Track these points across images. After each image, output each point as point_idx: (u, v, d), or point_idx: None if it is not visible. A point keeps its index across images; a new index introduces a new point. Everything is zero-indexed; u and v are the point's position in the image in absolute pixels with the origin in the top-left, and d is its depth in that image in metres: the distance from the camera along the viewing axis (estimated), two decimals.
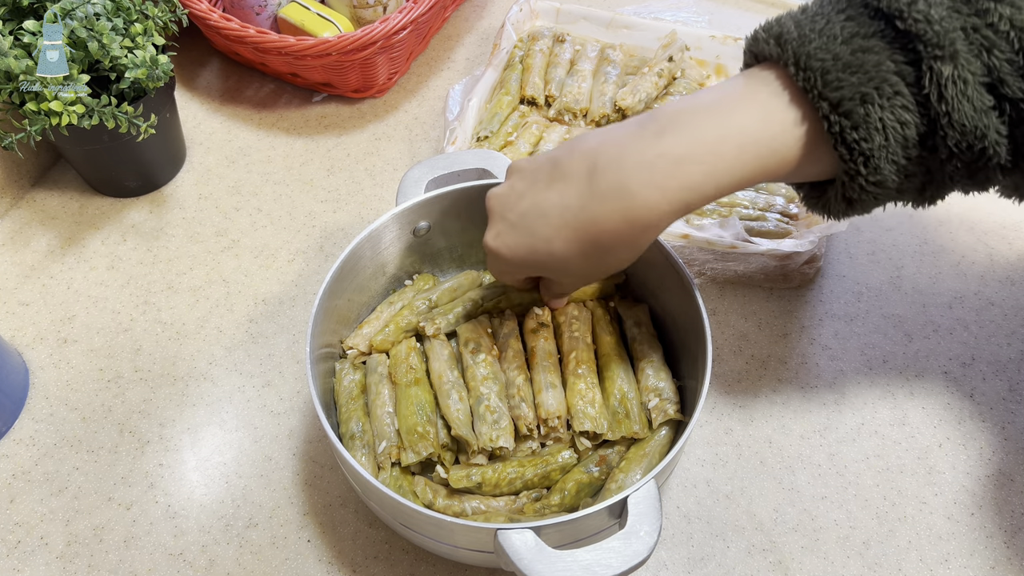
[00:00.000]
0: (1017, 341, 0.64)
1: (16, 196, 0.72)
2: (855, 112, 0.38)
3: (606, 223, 0.42)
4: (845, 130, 0.39)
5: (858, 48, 0.39)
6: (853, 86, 0.38)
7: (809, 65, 0.39)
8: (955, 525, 0.54)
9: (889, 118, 0.38)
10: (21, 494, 0.55)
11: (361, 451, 0.51)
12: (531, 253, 0.46)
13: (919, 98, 0.38)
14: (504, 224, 0.47)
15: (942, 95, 0.37)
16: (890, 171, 0.39)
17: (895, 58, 0.39)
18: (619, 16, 0.84)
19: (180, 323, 0.64)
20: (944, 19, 0.38)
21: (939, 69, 0.37)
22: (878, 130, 0.38)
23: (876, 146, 0.38)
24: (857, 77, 0.38)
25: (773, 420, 0.59)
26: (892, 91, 0.38)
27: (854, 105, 0.38)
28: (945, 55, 0.37)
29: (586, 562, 0.39)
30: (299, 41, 0.71)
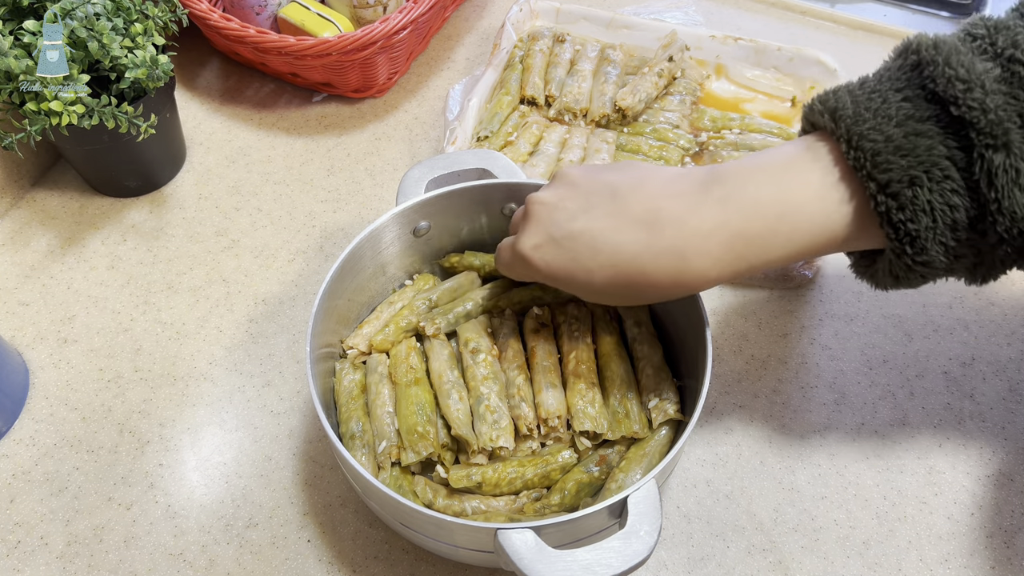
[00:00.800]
0: (1017, 341, 0.64)
1: (16, 196, 0.72)
2: (902, 194, 0.38)
3: (655, 278, 0.43)
4: (891, 211, 0.39)
5: (911, 131, 0.39)
6: (902, 169, 0.39)
7: (861, 146, 0.40)
8: (955, 525, 0.54)
9: (938, 200, 0.38)
10: (21, 494, 0.55)
11: (361, 451, 0.51)
12: (568, 276, 0.45)
13: (970, 183, 0.38)
14: (547, 238, 0.46)
15: (992, 183, 0.37)
16: (938, 252, 0.39)
17: (947, 143, 0.39)
18: (619, 16, 0.84)
19: (180, 323, 0.64)
20: (1000, 107, 0.38)
21: (991, 157, 0.37)
22: (925, 212, 0.38)
23: (923, 227, 0.39)
24: (907, 160, 0.39)
25: (773, 420, 0.59)
26: (942, 175, 0.38)
27: (901, 187, 0.38)
28: (998, 144, 0.37)
29: (586, 562, 0.39)
30: (299, 41, 0.71)
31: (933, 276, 0.41)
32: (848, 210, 0.41)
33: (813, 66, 0.78)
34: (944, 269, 0.41)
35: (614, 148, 0.74)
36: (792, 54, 0.79)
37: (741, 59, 0.81)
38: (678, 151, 0.74)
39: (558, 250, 0.45)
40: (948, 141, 0.39)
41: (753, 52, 0.81)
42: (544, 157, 0.72)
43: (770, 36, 0.83)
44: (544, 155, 0.72)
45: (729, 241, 0.42)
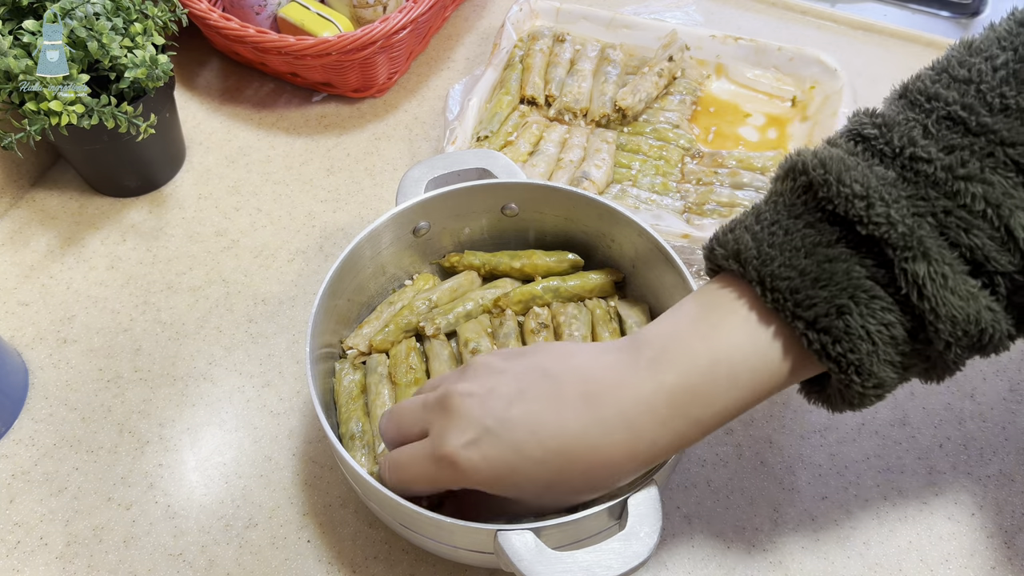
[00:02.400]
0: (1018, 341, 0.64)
1: (16, 196, 0.72)
2: (833, 327, 0.36)
3: (607, 453, 0.39)
4: (827, 346, 0.37)
5: (823, 259, 0.37)
6: (826, 301, 0.36)
7: (776, 286, 0.38)
8: (955, 525, 0.54)
9: (871, 323, 0.36)
10: (21, 494, 0.55)
11: (361, 451, 0.51)
12: (510, 472, 0.39)
13: (899, 298, 0.36)
14: (483, 431, 0.39)
15: (922, 293, 0.35)
16: (886, 372, 0.37)
17: (864, 263, 0.37)
18: (619, 16, 0.84)
19: (180, 323, 0.64)
20: (907, 217, 0.36)
21: (913, 270, 0.35)
22: (862, 338, 0.36)
23: (864, 354, 0.36)
24: (828, 291, 0.37)
25: (773, 420, 0.59)
26: (868, 296, 0.36)
27: (831, 320, 0.36)
28: (916, 255, 0.35)
29: (586, 563, 0.39)
30: (299, 41, 0.71)
31: (888, 392, 0.39)
32: (783, 351, 0.38)
33: (813, 66, 0.78)
34: (898, 382, 0.39)
35: (614, 148, 0.74)
36: (792, 54, 0.79)
37: (741, 59, 0.81)
38: (678, 151, 0.74)
39: (497, 442, 0.39)
40: (864, 260, 0.37)
41: (753, 52, 0.81)
42: (544, 157, 0.72)
43: (770, 36, 0.83)
44: (544, 155, 0.72)
45: (671, 400, 0.39)
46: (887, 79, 0.44)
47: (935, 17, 0.94)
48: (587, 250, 0.60)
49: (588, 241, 0.60)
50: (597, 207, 0.56)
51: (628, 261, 0.58)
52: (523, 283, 0.60)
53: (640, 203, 0.69)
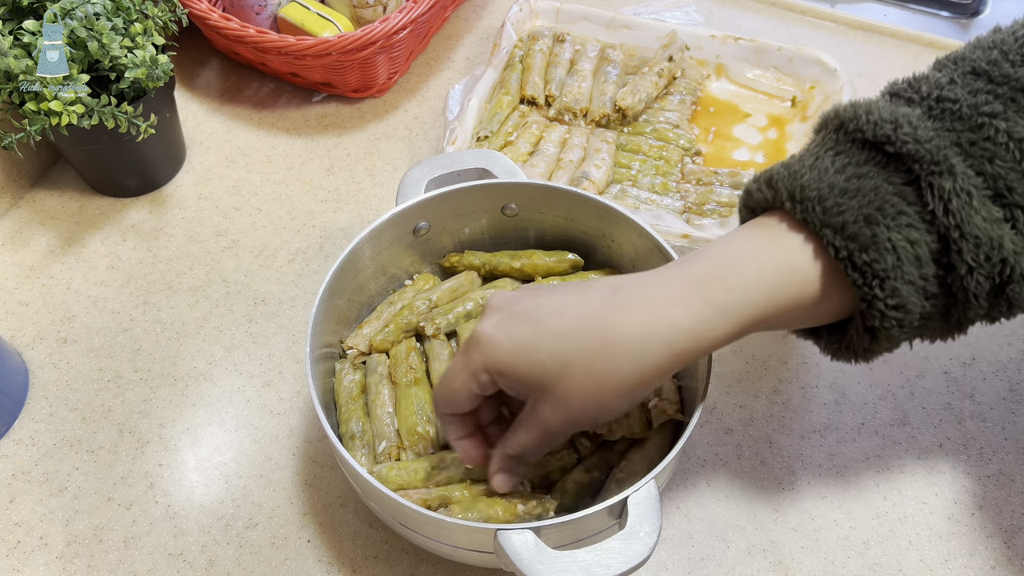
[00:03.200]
0: (1017, 341, 0.64)
1: (16, 196, 0.72)
2: (861, 234, 0.37)
3: (625, 327, 0.39)
4: (854, 253, 0.37)
5: (853, 175, 0.39)
6: (854, 209, 0.37)
7: (805, 196, 0.39)
8: (955, 525, 0.54)
9: (897, 237, 0.37)
10: (21, 494, 0.55)
11: (361, 451, 0.51)
12: (531, 349, 0.40)
13: (924, 215, 0.37)
14: (507, 314, 0.41)
15: (948, 208, 0.37)
16: (908, 292, 0.37)
17: (892, 180, 0.38)
18: (619, 16, 0.84)
19: (180, 323, 0.64)
20: (933, 138, 0.38)
21: (939, 184, 0.37)
22: (888, 250, 0.37)
23: (889, 266, 0.37)
24: (856, 201, 0.38)
25: (773, 420, 0.59)
26: (895, 211, 0.37)
27: (859, 227, 0.37)
28: (942, 170, 0.37)
29: (586, 563, 0.39)
30: (299, 41, 0.71)
31: (909, 326, 0.39)
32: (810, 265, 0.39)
33: (813, 66, 0.78)
34: (919, 315, 0.39)
35: (614, 148, 0.74)
36: (792, 54, 0.79)
37: (741, 59, 0.81)
38: (678, 151, 0.74)
39: (520, 322, 0.40)
40: (892, 178, 0.38)
41: (753, 52, 0.81)
42: (544, 157, 0.72)
43: (770, 36, 0.83)
44: (544, 155, 0.72)
45: (695, 282, 0.39)
46: (887, 79, 0.44)
47: (935, 17, 0.94)
48: (587, 250, 0.60)
49: (588, 241, 0.60)
50: (597, 207, 0.56)
51: (628, 261, 0.58)
52: (523, 283, 0.60)
53: (640, 203, 0.69)
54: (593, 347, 0.39)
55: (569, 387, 0.40)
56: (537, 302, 0.41)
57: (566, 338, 0.39)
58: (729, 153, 0.76)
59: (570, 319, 0.40)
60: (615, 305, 0.39)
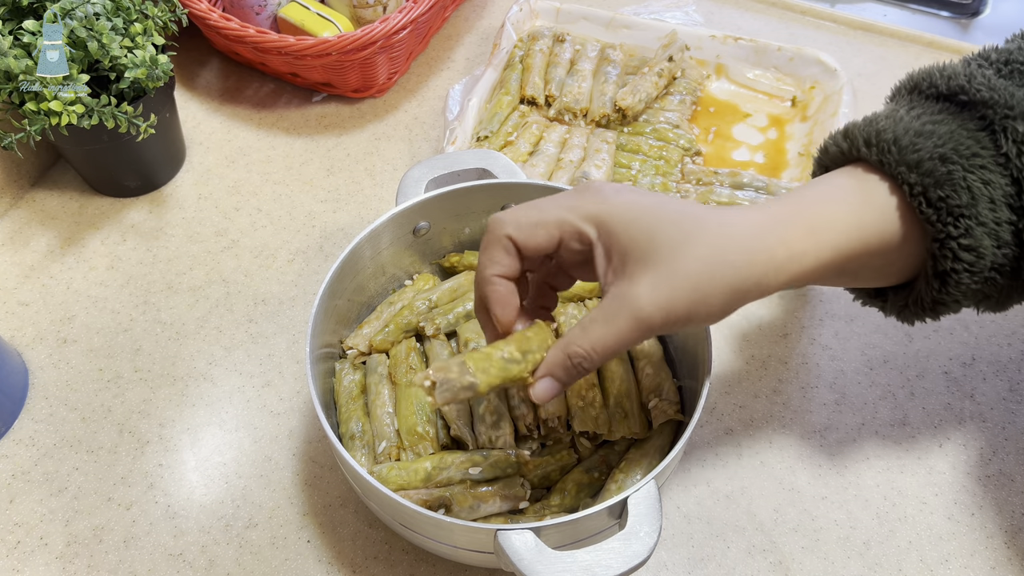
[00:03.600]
0: (1017, 341, 0.64)
1: (16, 196, 0.72)
2: (936, 170, 0.37)
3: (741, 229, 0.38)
4: (928, 189, 0.37)
5: (928, 121, 0.40)
6: (929, 148, 0.38)
7: (881, 139, 0.39)
8: (955, 525, 0.54)
9: (972, 177, 0.37)
10: (21, 494, 0.55)
11: (361, 451, 0.51)
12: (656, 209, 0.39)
13: (998, 159, 0.38)
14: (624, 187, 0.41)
15: (1021, 151, 0.37)
16: (981, 233, 0.38)
17: (966, 126, 0.39)
18: (619, 16, 0.84)
19: (180, 323, 0.64)
20: (1007, 86, 0.39)
21: (1013, 127, 0.38)
22: (963, 188, 0.37)
23: (964, 203, 0.37)
24: (932, 141, 0.38)
25: (773, 420, 0.59)
26: (970, 152, 0.38)
27: (934, 164, 0.38)
28: (1016, 114, 0.38)
29: (586, 563, 0.39)
30: (299, 41, 0.71)
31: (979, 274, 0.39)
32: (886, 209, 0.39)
33: (813, 66, 0.78)
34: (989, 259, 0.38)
35: (614, 148, 0.74)
36: (792, 54, 0.79)
37: (741, 59, 0.81)
38: (678, 151, 0.74)
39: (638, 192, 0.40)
40: (967, 124, 0.39)
41: (753, 52, 0.81)
42: (544, 157, 0.72)
43: (770, 36, 0.83)
44: (544, 155, 0.72)
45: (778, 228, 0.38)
46: (887, 79, 0.45)
47: (935, 17, 0.94)
48: None
49: None
50: None
51: None
52: None
53: None
54: (714, 233, 0.38)
55: (683, 262, 0.37)
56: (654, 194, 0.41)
57: (688, 216, 0.38)
58: (729, 153, 0.76)
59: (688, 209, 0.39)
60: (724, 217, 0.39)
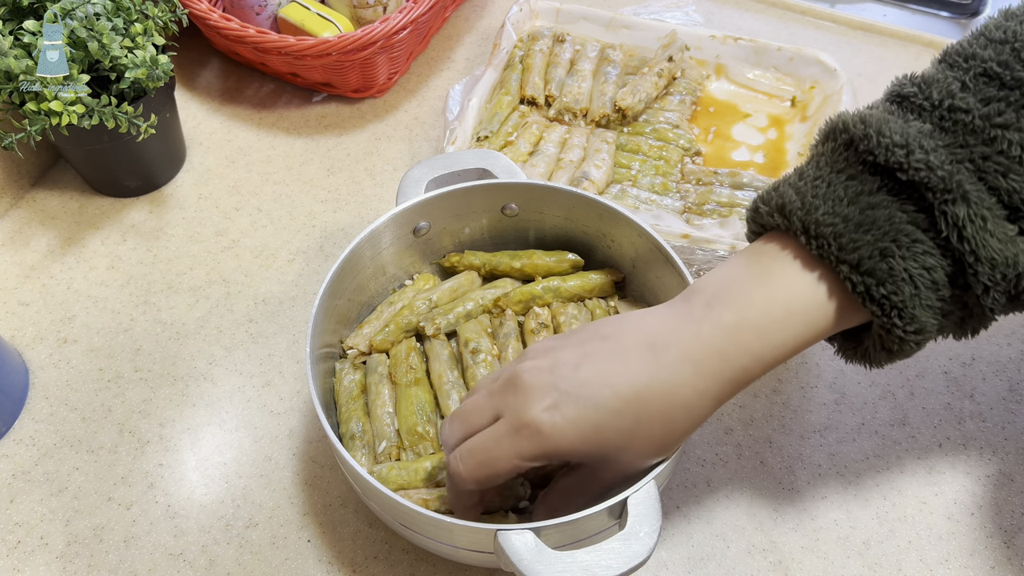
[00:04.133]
0: (1017, 341, 0.64)
1: (16, 196, 0.72)
2: (878, 269, 0.38)
3: (681, 395, 0.40)
4: (871, 288, 0.38)
5: (866, 206, 0.39)
6: (869, 244, 0.38)
7: (820, 232, 0.39)
8: (955, 525, 0.54)
9: (913, 267, 0.38)
10: (21, 494, 0.55)
11: (361, 451, 0.51)
12: (595, 430, 0.39)
13: (939, 242, 0.38)
14: (559, 395, 0.40)
15: (962, 235, 0.37)
16: (926, 316, 0.38)
17: (905, 208, 0.38)
18: (619, 16, 0.84)
19: (180, 323, 0.64)
20: (945, 163, 0.38)
21: (953, 212, 0.37)
22: (905, 280, 0.37)
23: (907, 296, 0.38)
24: (871, 235, 0.38)
25: (773, 420, 0.59)
26: (910, 240, 0.38)
27: (875, 263, 0.38)
28: (956, 197, 0.37)
29: (586, 563, 0.39)
30: (299, 41, 0.71)
31: (926, 342, 0.40)
32: (826, 293, 0.39)
33: (813, 66, 0.78)
34: (936, 331, 0.40)
35: (614, 148, 0.74)
36: (792, 54, 0.79)
37: (741, 59, 0.81)
38: (678, 151, 0.74)
39: (575, 402, 0.39)
40: (905, 206, 0.38)
41: (753, 52, 0.81)
42: (544, 157, 0.72)
43: (770, 36, 0.83)
44: (544, 155, 0.72)
45: (732, 337, 0.40)
46: (887, 79, 0.44)
47: (935, 17, 0.94)
48: (587, 250, 0.60)
49: (588, 241, 0.60)
50: (597, 207, 0.57)
51: (628, 261, 0.58)
52: (523, 283, 0.60)
53: (640, 203, 0.69)
54: (652, 417, 0.40)
55: (633, 454, 0.41)
56: (582, 377, 0.40)
57: (626, 415, 0.40)
58: (729, 153, 0.76)
59: (625, 394, 0.40)
60: (666, 375, 0.40)
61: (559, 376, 0.41)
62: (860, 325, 0.42)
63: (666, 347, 0.40)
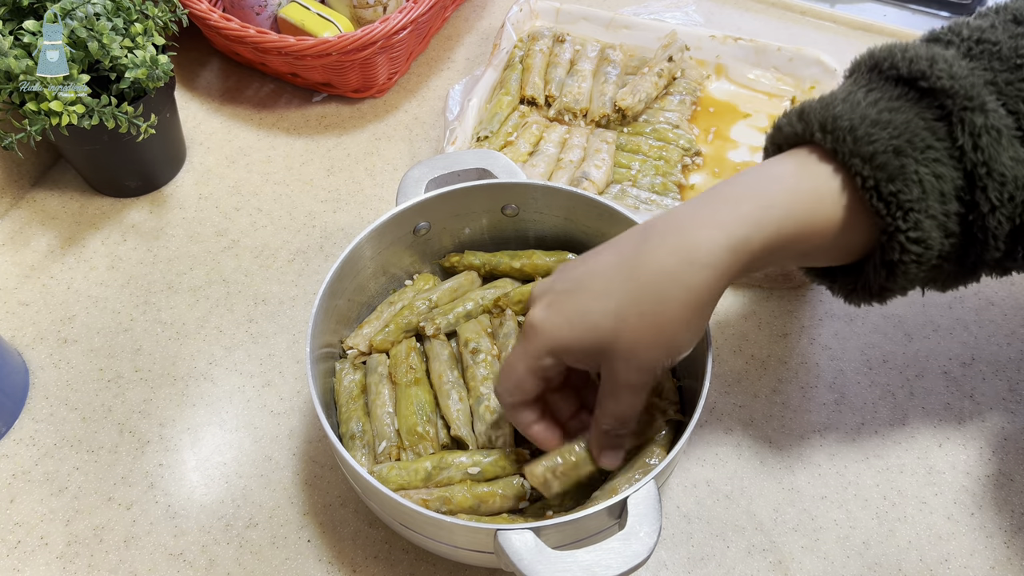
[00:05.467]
0: (1017, 341, 0.64)
1: (16, 196, 0.72)
2: (890, 164, 0.37)
3: (664, 262, 0.39)
4: (880, 183, 0.37)
5: (885, 108, 0.39)
6: (884, 140, 0.38)
7: (837, 126, 0.39)
8: (955, 525, 0.54)
9: (924, 171, 0.37)
10: (21, 494, 0.55)
11: (361, 451, 0.51)
12: (584, 315, 0.40)
13: (952, 151, 0.38)
14: (552, 295, 0.42)
15: (977, 144, 0.37)
16: (930, 226, 0.38)
17: (923, 115, 0.38)
18: (619, 16, 0.84)
19: (180, 323, 0.64)
20: (968, 75, 0.38)
21: (970, 119, 0.37)
22: (915, 182, 0.37)
23: (914, 198, 0.37)
24: (887, 132, 0.38)
25: (773, 420, 0.59)
26: (924, 144, 0.38)
27: (888, 157, 0.37)
28: (975, 106, 0.37)
29: (586, 563, 0.39)
30: (299, 41, 0.71)
31: (926, 263, 0.39)
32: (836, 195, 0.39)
33: (813, 66, 0.78)
34: (936, 250, 0.39)
35: (614, 148, 0.74)
36: (792, 54, 0.79)
37: (741, 59, 0.81)
38: (678, 151, 0.74)
39: (568, 298, 0.41)
40: (924, 113, 0.38)
41: (753, 52, 0.81)
42: (544, 157, 0.72)
43: (770, 36, 0.83)
44: (544, 155, 0.72)
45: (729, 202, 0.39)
46: None
47: (935, 17, 0.94)
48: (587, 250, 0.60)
49: (588, 241, 0.60)
50: (597, 207, 0.57)
51: None
52: (523, 283, 0.60)
53: (640, 203, 0.69)
54: (638, 291, 0.39)
55: (630, 337, 0.39)
56: (576, 273, 0.42)
57: (612, 293, 0.40)
58: (729, 153, 0.76)
59: (611, 275, 0.40)
60: (649, 245, 0.40)
61: (556, 280, 0.43)
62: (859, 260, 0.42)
63: (655, 224, 0.41)
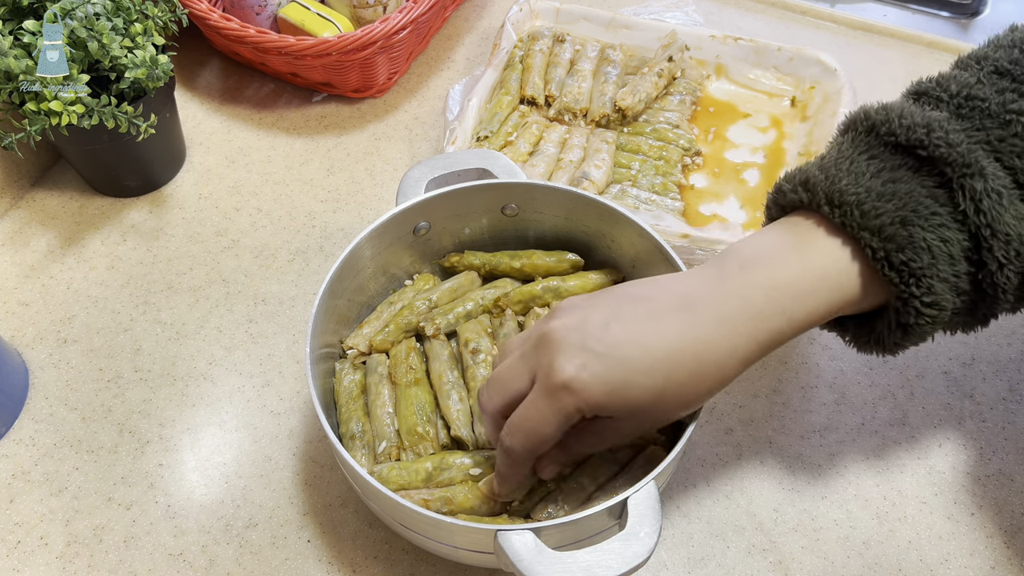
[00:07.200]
0: (1017, 341, 0.64)
1: (16, 196, 0.72)
2: (898, 234, 0.39)
3: (710, 353, 0.40)
4: (891, 254, 0.39)
5: (887, 180, 0.40)
6: (890, 212, 0.39)
7: (844, 200, 0.40)
8: (955, 525, 0.54)
9: (931, 237, 0.39)
10: (21, 494, 0.55)
11: (361, 451, 0.51)
12: (623, 387, 0.40)
13: (956, 215, 0.39)
14: (589, 355, 0.40)
15: (979, 208, 0.39)
16: (943, 289, 0.39)
17: (924, 183, 0.40)
18: (619, 16, 0.84)
19: (180, 323, 0.64)
20: (964, 141, 0.40)
21: (971, 186, 0.39)
22: (924, 249, 0.39)
23: (925, 264, 0.39)
24: (892, 204, 0.39)
25: (773, 420, 0.59)
26: (928, 212, 0.39)
27: (896, 229, 0.39)
28: (974, 172, 0.39)
29: (586, 563, 0.39)
30: (299, 41, 0.71)
31: (940, 322, 0.41)
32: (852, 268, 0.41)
33: (813, 66, 0.78)
34: (950, 309, 0.40)
35: (614, 148, 0.74)
36: (792, 54, 0.79)
37: (741, 59, 0.81)
38: (678, 151, 0.74)
39: (605, 361, 0.40)
40: (925, 181, 0.40)
41: (753, 52, 0.81)
42: (544, 157, 0.72)
43: (770, 36, 0.83)
44: (544, 155, 0.72)
45: (766, 296, 0.40)
46: (887, 79, 0.45)
47: (935, 17, 0.94)
48: (587, 250, 0.60)
49: (588, 241, 0.60)
50: (597, 207, 0.57)
51: (628, 261, 0.58)
52: (523, 283, 0.60)
53: (640, 203, 0.69)
54: (684, 376, 0.40)
55: (660, 411, 0.42)
56: (613, 336, 0.40)
57: (655, 374, 0.40)
58: (729, 153, 0.76)
59: (656, 354, 0.40)
60: (699, 333, 0.40)
61: (588, 335, 0.41)
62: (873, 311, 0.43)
63: (699, 307, 0.41)
